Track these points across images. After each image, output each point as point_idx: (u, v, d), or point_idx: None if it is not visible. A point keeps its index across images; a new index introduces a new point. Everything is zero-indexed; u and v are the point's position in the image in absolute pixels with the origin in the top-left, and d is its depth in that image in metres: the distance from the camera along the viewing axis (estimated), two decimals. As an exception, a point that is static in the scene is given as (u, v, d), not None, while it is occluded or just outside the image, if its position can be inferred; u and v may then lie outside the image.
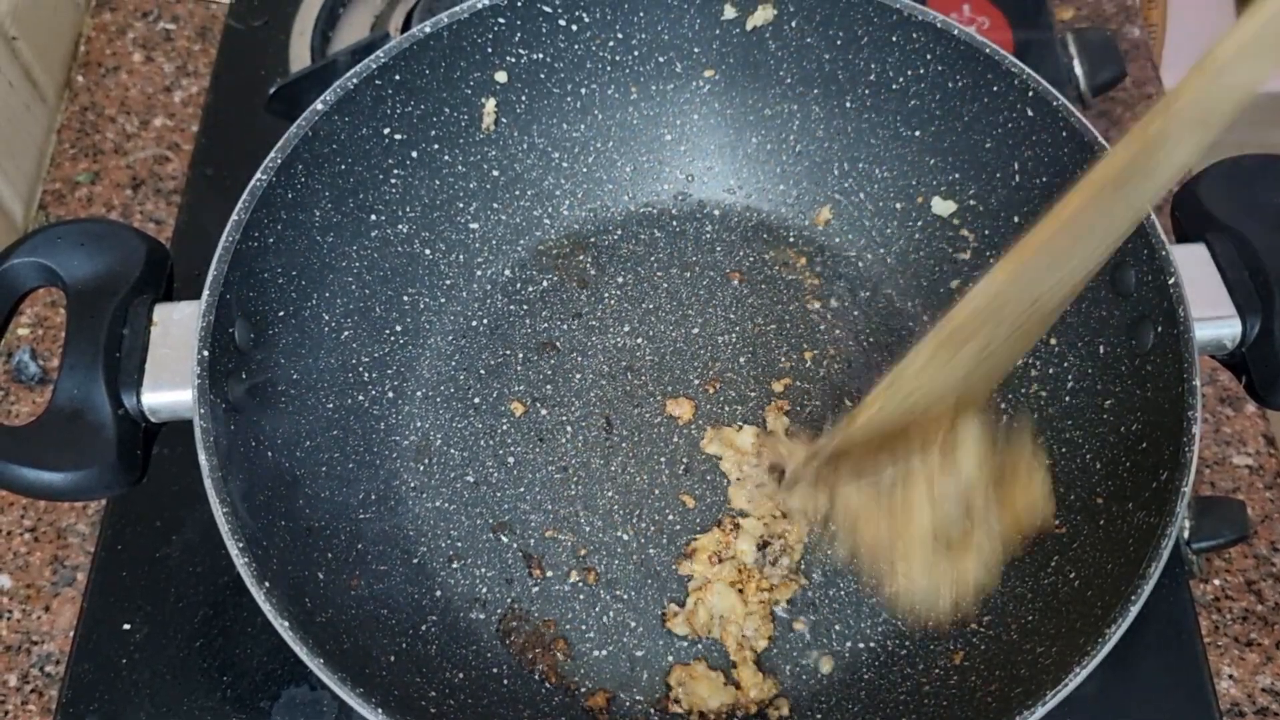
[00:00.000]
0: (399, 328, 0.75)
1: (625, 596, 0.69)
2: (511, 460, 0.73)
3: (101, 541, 0.73)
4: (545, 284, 0.79)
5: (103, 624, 0.70)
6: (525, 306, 0.79)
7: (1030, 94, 0.68)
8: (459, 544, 0.70)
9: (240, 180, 0.64)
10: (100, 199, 0.89)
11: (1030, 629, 0.62)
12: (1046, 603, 0.63)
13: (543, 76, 0.76)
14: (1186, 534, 0.69)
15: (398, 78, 0.70)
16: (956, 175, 0.75)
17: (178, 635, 0.70)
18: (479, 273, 0.79)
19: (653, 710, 0.65)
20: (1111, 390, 0.66)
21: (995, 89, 0.69)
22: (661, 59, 0.77)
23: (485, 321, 0.78)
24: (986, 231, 0.75)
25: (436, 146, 0.75)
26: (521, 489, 0.72)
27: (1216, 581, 0.73)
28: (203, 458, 0.57)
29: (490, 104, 0.75)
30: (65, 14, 0.96)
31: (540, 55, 0.75)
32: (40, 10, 0.92)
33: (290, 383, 0.67)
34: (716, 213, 0.82)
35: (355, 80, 0.68)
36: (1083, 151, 0.66)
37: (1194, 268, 0.63)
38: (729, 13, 0.75)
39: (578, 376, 0.76)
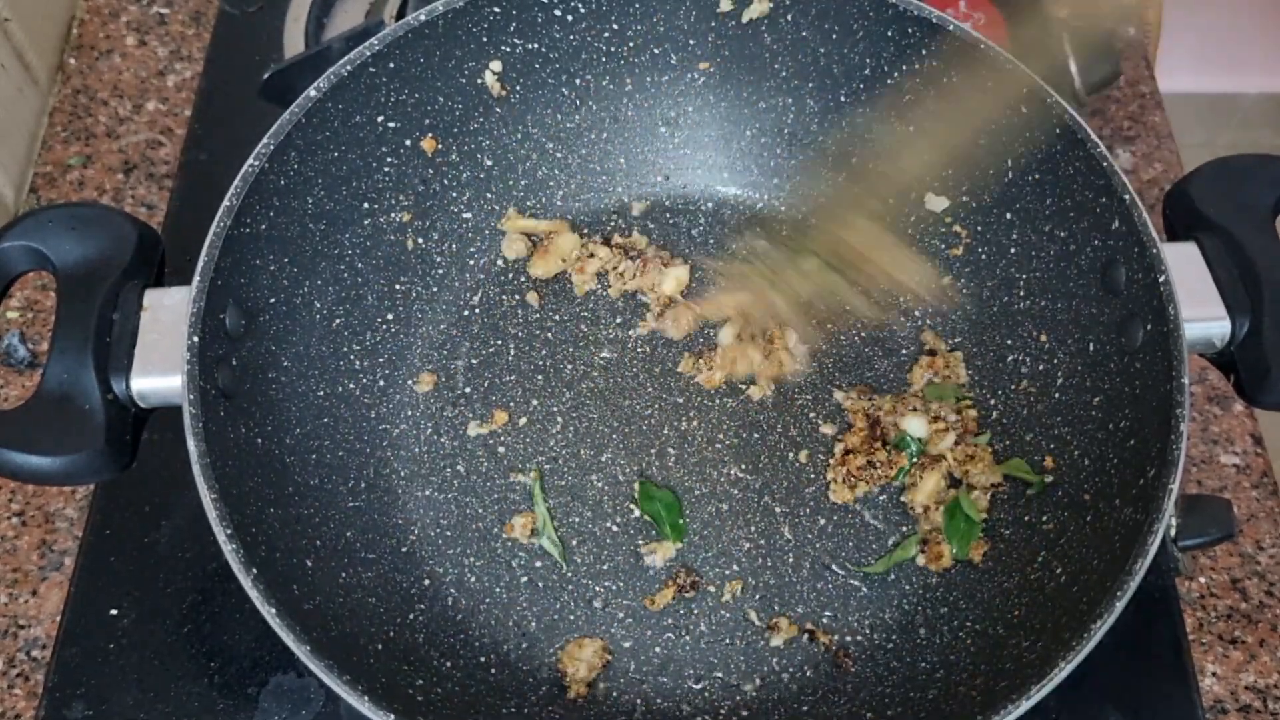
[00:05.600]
0: (390, 316, 0.75)
1: (614, 587, 0.69)
2: (502, 450, 0.73)
3: (89, 526, 0.72)
4: (538, 274, 0.79)
5: (90, 609, 0.70)
6: (518, 297, 0.79)
7: (1024, 91, 0.68)
8: (448, 533, 0.70)
9: (233, 166, 0.64)
10: (92, 183, 0.88)
11: (1016, 624, 0.63)
12: (1033, 598, 0.63)
13: (538, 66, 0.76)
14: (1173, 532, 0.70)
15: (392, 65, 0.70)
16: (950, 171, 0.75)
17: (165, 621, 0.70)
18: (471, 262, 0.79)
19: (639, 701, 0.66)
20: (1101, 387, 0.66)
21: (989, 86, 0.69)
22: (657, 51, 0.77)
23: (477, 311, 0.78)
24: (979, 228, 0.75)
25: (430, 135, 0.74)
26: (511, 479, 0.72)
27: (1202, 579, 0.73)
28: (192, 444, 0.57)
29: (492, 77, 0.75)
30: (58, -4, 0.96)
31: (535, 45, 0.75)
32: (33, -8, 0.91)
33: (281, 370, 0.67)
34: (709, 205, 0.82)
35: (349, 67, 0.68)
36: (1076, 149, 0.66)
37: (1184, 266, 0.63)
38: (724, 5, 0.74)
39: (569, 367, 0.76)
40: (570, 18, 0.74)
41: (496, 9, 0.72)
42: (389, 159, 0.73)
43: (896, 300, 0.76)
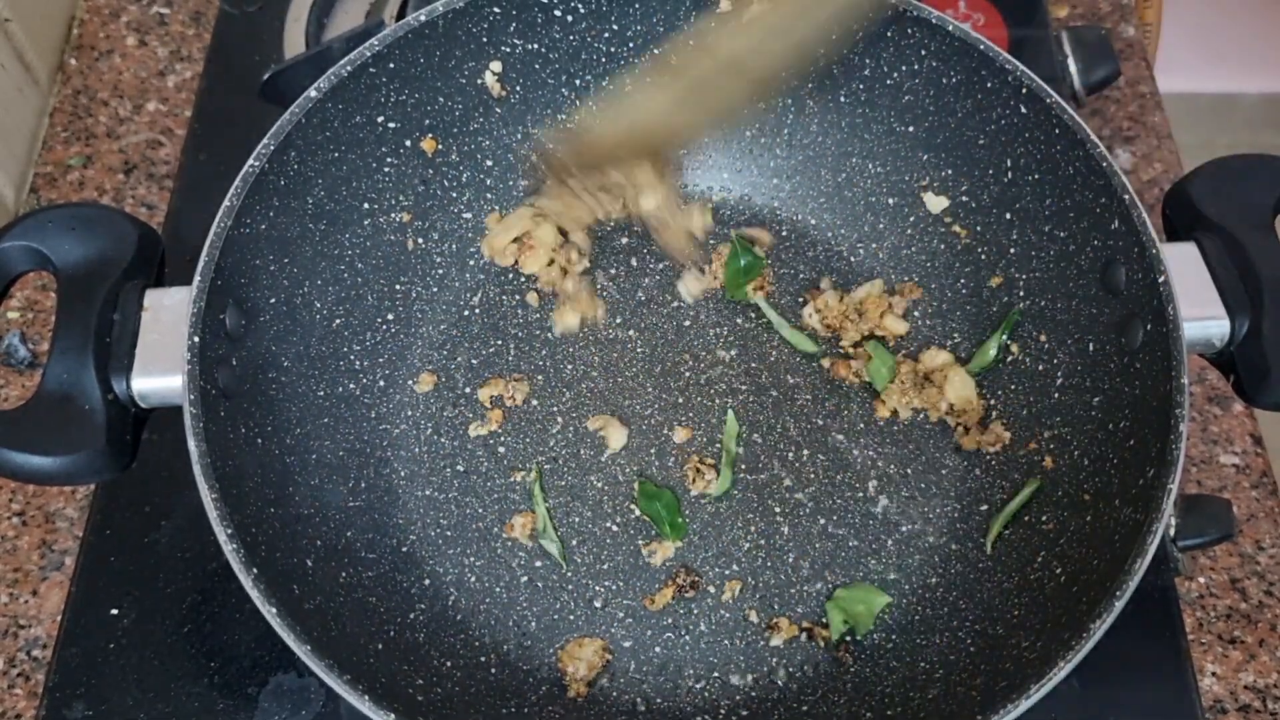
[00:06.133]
0: (390, 316, 0.75)
1: (614, 587, 0.69)
2: (502, 450, 0.73)
3: (90, 526, 0.72)
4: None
5: (90, 609, 0.70)
6: (517, 297, 0.79)
7: (1024, 91, 0.68)
8: (448, 533, 0.70)
9: (233, 166, 0.64)
10: (92, 183, 0.88)
11: (1016, 623, 0.63)
12: (1032, 597, 0.63)
13: (537, 67, 0.76)
14: (1172, 532, 0.70)
15: (392, 66, 0.70)
16: (949, 171, 0.75)
17: (166, 621, 0.70)
18: (471, 262, 0.79)
19: (639, 700, 0.66)
20: (1100, 387, 0.66)
21: (989, 86, 0.70)
22: (657, 51, 0.77)
23: (477, 311, 0.78)
24: (978, 228, 0.75)
25: (430, 135, 0.75)
26: (511, 479, 0.72)
27: (1201, 579, 0.73)
28: (192, 444, 0.57)
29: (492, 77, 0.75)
30: (59, -3, 0.96)
31: (535, 46, 0.75)
32: (33, -7, 0.92)
33: (281, 370, 0.67)
34: (709, 206, 0.82)
35: (349, 68, 0.68)
36: (1075, 149, 0.66)
37: (1184, 266, 0.63)
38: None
39: (569, 367, 0.76)
40: (570, 18, 0.74)
41: (496, 9, 0.72)
42: (389, 159, 0.73)
43: None
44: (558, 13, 0.74)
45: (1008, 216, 0.73)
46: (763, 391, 0.75)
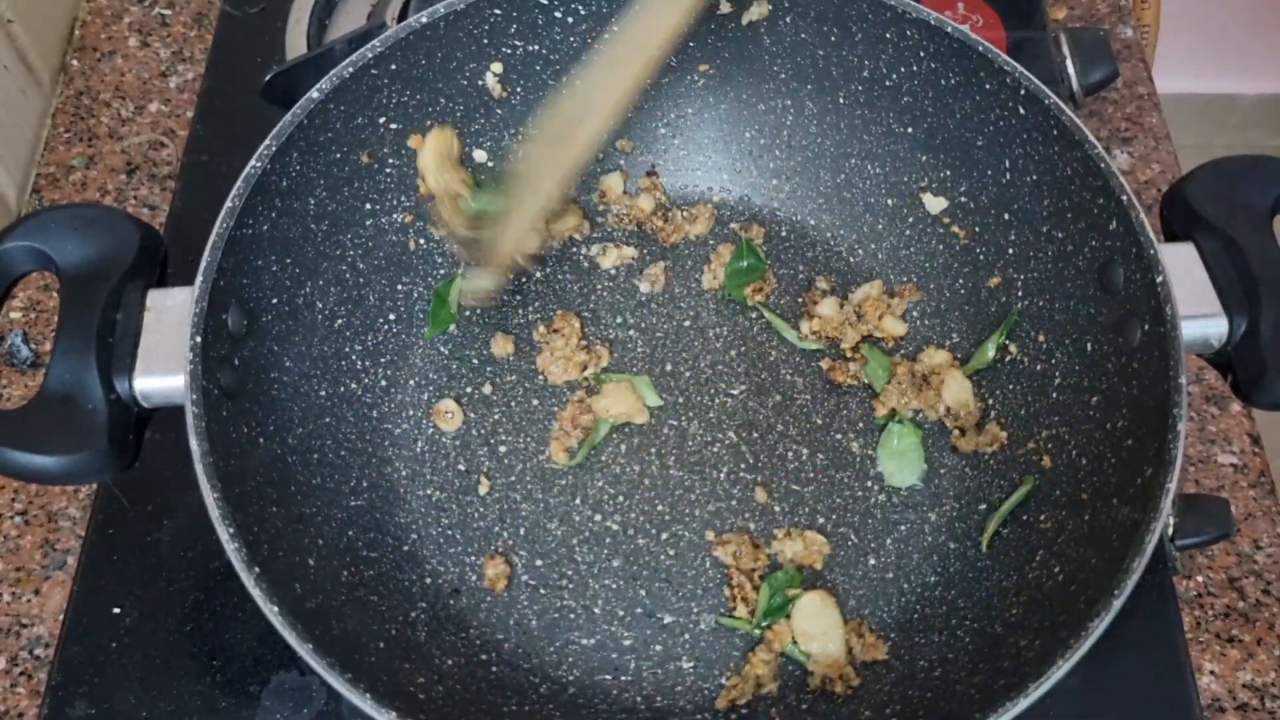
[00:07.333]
0: (392, 316, 0.76)
1: (614, 585, 0.69)
2: (503, 450, 0.74)
3: (92, 526, 0.73)
4: (538, 274, 0.80)
5: (93, 608, 0.70)
6: (519, 297, 0.79)
7: (1022, 92, 0.68)
8: (449, 532, 0.71)
9: (235, 167, 0.64)
10: (94, 184, 0.89)
11: (1014, 622, 0.63)
12: (1031, 596, 0.63)
13: (538, 68, 0.76)
14: (1170, 531, 0.70)
15: (393, 67, 0.70)
16: (948, 172, 0.75)
17: (168, 620, 0.70)
18: (472, 263, 0.79)
19: (639, 699, 0.66)
20: (1098, 387, 0.67)
21: (987, 87, 0.70)
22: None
23: (479, 311, 0.78)
24: (977, 228, 0.75)
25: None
26: (513, 478, 0.73)
27: (1199, 578, 0.74)
28: (194, 443, 0.57)
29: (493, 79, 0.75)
30: (61, -2, 0.96)
31: (536, 47, 0.75)
32: (36, -6, 0.92)
33: (283, 370, 0.68)
34: (709, 206, 0.82)
35: (351, 69, 0.68)
36: (1073, 150, 0.66)
37: (1181, 267, 0.63)
38: (724, 7, 0.75)
39: (569, 367, 0.76)
40: (570, 20, 0.74)
41: (497, 11, 0.72)
42: (390, 160, 0.74)
43: None
44: (558, 14, 0.74)
45: (1006, 217, 0.73)
46: (763, 391, 0.75)
